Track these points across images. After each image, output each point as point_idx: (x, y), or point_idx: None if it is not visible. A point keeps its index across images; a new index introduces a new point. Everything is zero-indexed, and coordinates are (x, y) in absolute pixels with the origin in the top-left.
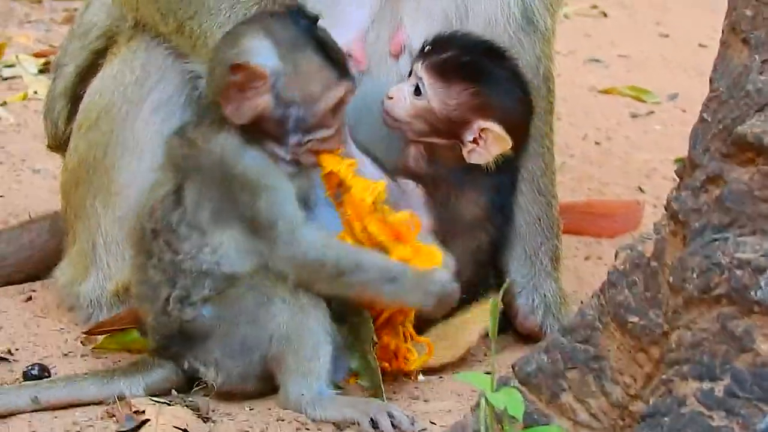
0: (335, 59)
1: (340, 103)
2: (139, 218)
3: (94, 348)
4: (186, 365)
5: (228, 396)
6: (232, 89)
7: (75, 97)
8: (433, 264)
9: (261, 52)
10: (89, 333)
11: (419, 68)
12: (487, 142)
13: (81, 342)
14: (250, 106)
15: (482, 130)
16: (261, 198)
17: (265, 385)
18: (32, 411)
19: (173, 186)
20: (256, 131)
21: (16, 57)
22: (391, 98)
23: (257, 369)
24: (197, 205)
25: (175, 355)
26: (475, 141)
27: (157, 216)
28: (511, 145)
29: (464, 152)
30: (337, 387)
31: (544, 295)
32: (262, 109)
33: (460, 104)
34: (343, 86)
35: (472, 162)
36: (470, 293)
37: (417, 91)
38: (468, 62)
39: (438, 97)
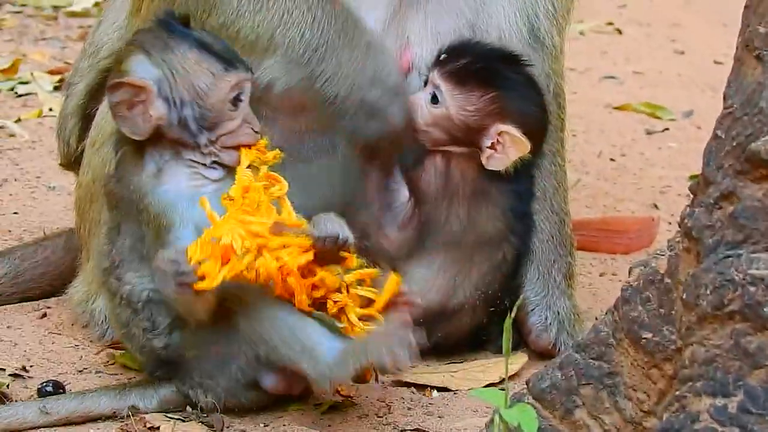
0: (218, 52)
1: (236, 94)
2: (97, 261)
3: (113, 362)
4: (176, 389)
5: (239, 411)
6: (120, 109)
7: (86, 116)
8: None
9: (137, 66)
10: (110, 346)
11: (436, 76)
12: (505, 146)
13: (101, 355)
14: (145, 119)
15: (500, 133)
16: (157, 234)
17: (260, 394)
18: (45, 426)
19: (114, 222)
20: (170, 145)
21: (31, 74)
22: None
23: (240, 379)
24: (127, 236)
25: (164, 381)
26: (492, 146)
27: (105, 253)
28: (529, 148)
29: (483, 158)
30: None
31: (558, 313)
32: (156, 118)
33: (478, 110)
34: (233, 76)
35: (490, 168)
36: (497, 304)
37: (434, 100)
38: (485, 68)
39: (456, 104)
